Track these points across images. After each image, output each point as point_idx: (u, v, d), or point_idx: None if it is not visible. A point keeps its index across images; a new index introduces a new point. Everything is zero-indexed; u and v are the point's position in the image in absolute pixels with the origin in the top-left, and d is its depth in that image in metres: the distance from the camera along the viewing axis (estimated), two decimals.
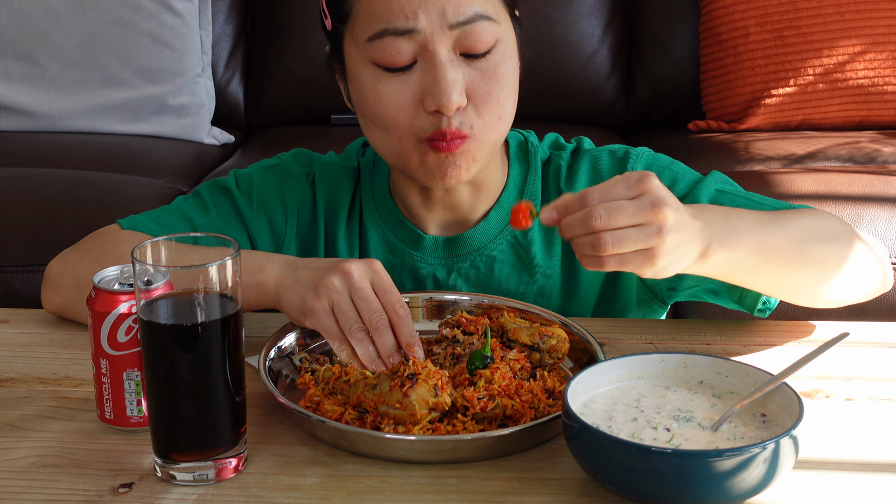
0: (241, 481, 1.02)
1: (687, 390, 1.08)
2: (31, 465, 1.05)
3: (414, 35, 1.23)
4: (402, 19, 1.23)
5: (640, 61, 2.95)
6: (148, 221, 1.40)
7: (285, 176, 1.44)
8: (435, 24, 1.23)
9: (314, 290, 1.18)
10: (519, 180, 1.41)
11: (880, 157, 2.53)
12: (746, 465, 0.93)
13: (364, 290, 1.18)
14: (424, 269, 1.40)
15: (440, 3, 1.23)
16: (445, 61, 1.24)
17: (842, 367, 1.24)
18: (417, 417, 1.06)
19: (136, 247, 1.00)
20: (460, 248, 1.40)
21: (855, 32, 2.69)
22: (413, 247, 1.40)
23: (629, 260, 1.07)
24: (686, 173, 1.39)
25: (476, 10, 1.24)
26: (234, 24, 2.99)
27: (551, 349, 1.20)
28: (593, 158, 1.41)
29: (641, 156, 1.40)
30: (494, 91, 1.26)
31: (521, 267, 1.40)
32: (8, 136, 2.74)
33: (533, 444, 1.07)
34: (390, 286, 1.19)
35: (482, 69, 1.26)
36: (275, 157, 1.48)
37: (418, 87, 1.25)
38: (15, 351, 1.29)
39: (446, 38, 1.24)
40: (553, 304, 1.41)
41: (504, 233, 1.39)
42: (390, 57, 1.25)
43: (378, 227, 1.42)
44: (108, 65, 2.75)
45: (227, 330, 1.00)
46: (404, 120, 1.27)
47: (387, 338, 1.18)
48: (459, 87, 1.24)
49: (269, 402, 1.15)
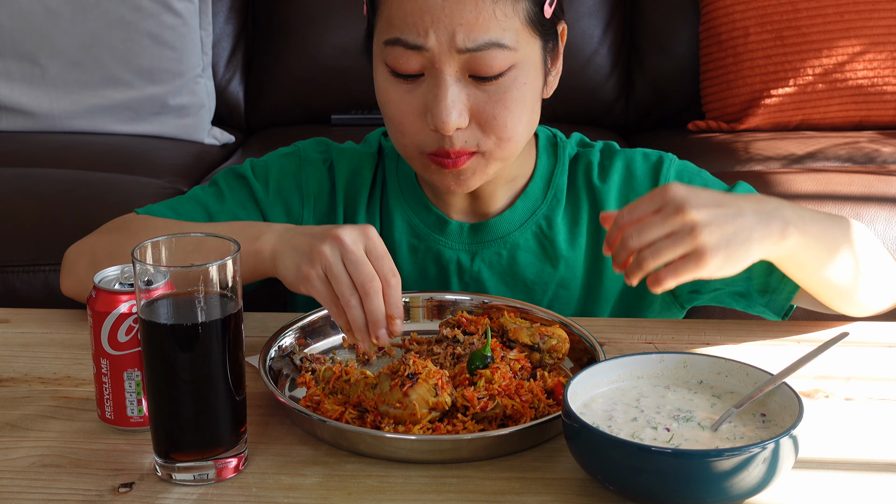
0: (242, 481, 1.02)
1: (687, 390, 1.08)
2: (31, 465, 1.05)
3: (423, 52, 1.24)
4: (413, 34, 1.23)
5: (640, 61, 2.95)
6: (165, 209, 1.40)
7: (302, 162, 1.45)
8: (444, 45, 1.23)
9: (308, 257, 1.16)
10: (546, 172, 1.42)
11: (880, 157, 2.53)
12: (746, 464, 0.93)
13: (356, 253, 1.14)
14: (448, 254, 1.41)
15: (451, 27, 1.22)
16: (449, 82, 1.24)
17: (841, 367, 1.24)
18: (417, 417, 1.06)
19: (136, 247, 1.00)
20: (485, 235, 1.41)
21: (854, 32, 2.69)
22: (438, 231, 1.41)
23: (681, 268, 1.09)
24: (714, 183, 1.42)
25: (489, 39, 1.23)
26: (234, 24, 2.99)
27: (551, 349, 1.20)
28: (627, 158, 1.43)
29: (673, 162, 1.43)
30: (500, 115, 1.26)
31: (545, 257, 1.41)
32: (8, 136, 2.74)
33: (533, 444, 1.07)
34: (383, 252, 1.16)
35: (490, 92, 1.26)
36: (292, 145, 1.48)
37: (423, 100, 1.26)
38: (15, 351, 1.29)
39: (454, 61, 1.24)
40: (574, 295, 1.42)
41: (529, 222, 1.40)
42: (399, 65, 1.26)
43: (403, 210, 1.42)
44: (109, 65, 2.75)
45: (227, 330, 1.00)
46: (409, 128, 1.28)
47: (377, 304, 1.14)
48: (460, 108, 1.25)
49: (270, 401, 1.15)
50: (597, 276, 1.42)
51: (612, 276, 1.41)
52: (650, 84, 2.95)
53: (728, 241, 1.09)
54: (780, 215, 1.15)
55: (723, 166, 2.49)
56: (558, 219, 1.41)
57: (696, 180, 1.41)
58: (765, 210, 1.14)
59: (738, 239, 1.10)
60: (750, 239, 1.12)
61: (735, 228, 1.10)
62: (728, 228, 1.10)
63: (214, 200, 1.41)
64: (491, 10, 1.22)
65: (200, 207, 1.40)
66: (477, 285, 1.41)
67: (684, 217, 1.08)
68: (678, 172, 1.41)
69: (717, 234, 1.09)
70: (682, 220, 1.08)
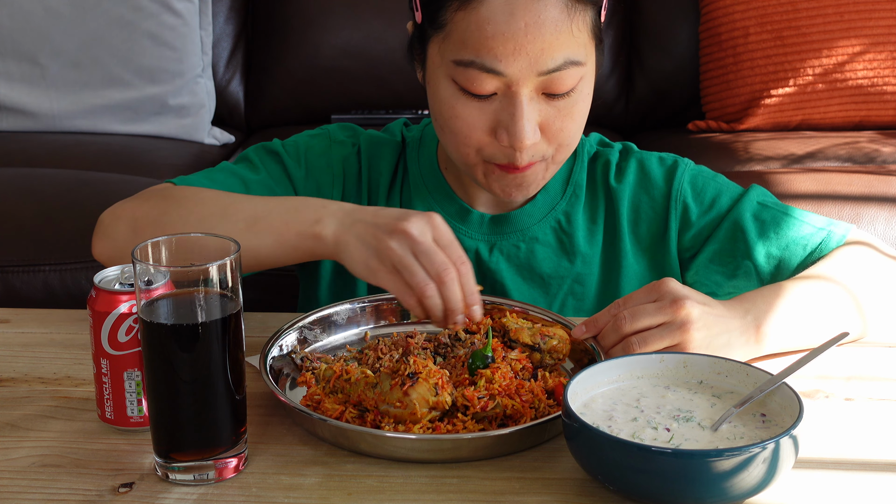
0: (242, 481, 1.02)
1: (687, 390, 1.08)
2: (31, 465, 1.05)
3: (500, 76, 1.24)
4: (491, 59, 1.23)
5: (640, 61, 2.95)
6: (201, 179, 1.38)
7: (332, 143, 1.45)
8: (524, 70, 1.23)
9: (376, 251, 1.16)
10: (566, 169, 1.43)
11: (879, 157, 2.53)
12: (746, 464, 0.93)
13: (426, 243, 1.14)
14: (467, 244, 1.41)
15: (533, 53, 1.22)
16: (526, 103, 1.25)
17: (841, 367, 1.24)
18: (418, 416, 1.06)
19: (136, 247, 1.00)
20: (505, 227, 1.42)
21: (854, 32, 2.69)
22: (459, 220, 1.42)
23: None
24: (729, 187, 1.43)
25: (566, 57, 1.24)
26: (234, 24, 2.99)
27: (552, 349, 1.20)
28: (642, 160, 1.45)
29: (688, 166, 1.44)
30: (568, 127, 1.29)
31: (562, 251, 1.42)
32: (8, 136, 2.74)
33: (533, 444, 1.07)
34: (451, 240, 1.17)
35: (559, 107, 1.27)
36: (319, 128, 1.49)
37: (494, 118, 1.27)
38: (15, 351, 1.29)
39: (531, 82, 1.24)
40: (589, 291, 1.43)
41: (548, 216, 1.42)
42: (473, 86, 1.25)
43: (424, 199, 1.43)
44: (109, 65, 2.75)
45: (227, 330, 1.00)
46: (476, 142, 1.29)
47: (454, 291, 1.14)
48: (534, 126, 1.26)
49: (270, 401, 1.15)
50: (612, 273, 1.43)
51: (628, 274, 1.43)
52: (650, 84, 2.95)
53: (709, 343, 1.16)
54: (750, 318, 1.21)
55: (723, 166, 2.49)
56: (577, 215, 1.42)
57: (710, 185, 1.43)
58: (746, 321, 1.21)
59: (719, 341, 1.17)
60: (729, 344, 1.18)
61: (720, 330, 1.17)
62: (714, 330, 1.17)
63: (249, 171, 1.40)
64: (568, 28, 1.23)
65: (236, 178, 1.39)
66: (494, 276, 1.42)
67: (680, 311, 1.15)
68: (693, 177, 1.43)
69: (703, 332, 1.15)
70: (675, 313, 1.15)
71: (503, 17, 1.21)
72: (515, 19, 1.21)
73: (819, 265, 1.33)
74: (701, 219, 1.41)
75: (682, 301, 1.15)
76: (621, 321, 1.15)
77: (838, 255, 1.35)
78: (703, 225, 1.41)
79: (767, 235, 1.37)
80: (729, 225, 1.39)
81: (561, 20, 1.22)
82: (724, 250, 1.39)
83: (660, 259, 1.43)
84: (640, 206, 1.43)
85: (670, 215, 1.42)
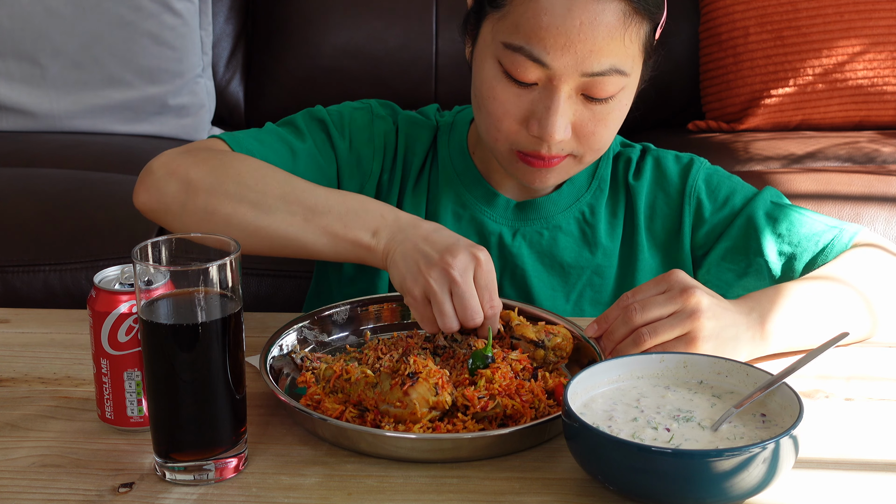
0: (242, 481, 1.02)
1: (687, 390, 1.08)
2: (31, 465, 1.05)
3: (545, 67, 1.25)
4: (540, 49, 1.24)
5: None
6: (251, 140, 1.37)
7: (374, 117, 1.47)
8: (569, 67, 1.24)
9: (414, 276, 1.18)
10: (593, 164, 1.45)
11: (879, 157, 2.53)
12: (746, 464, 0.93)
13: (463, 286, 1.16)
14: (491, 227, 1.43)
15: (582, 52, 1.23)
16: (563, 99, 1.26)
17: (841, 367, 1.24)
18: (418, 416, 1.06)
19: (136, 247, 1.00)
20: (529, 213, 1.43)
21: (854, 32, 2.69)
22: (485, 203, 1.43)
23: (671, 349, 1.14)
24: (743, 187, 1.45)
25: (612, 64, 1.26)
26: (234, 24, 2.99)
27: (556, 347, 1.20)
28: (659, 158, 1.48)
29: (703, 165, 1.47)
30: (600, 132, 1.30)
31: (584, 242, 1.44)
32: (8, 136, 2.74)
33: (533, 444, 1.07)
34: (491, 280, 1.19)
35: (595, 111, 1.29)
36: (362, 101, 1.50)
37: (530, 107, 1.28)
38: (15, 351, 1.29)
39: (573, 81, 1.26)
40: (608, 284, 1.45)
41: (573, 207, 1.43)
42: (517, 72, 1.27)
43: (450, 181, 1.44)
44: (109, 65, 2.75)
45: (227, 330, 1.00)
46: (508, 126, 1.30)
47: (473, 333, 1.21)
48: (566, 123, 1.27)
49: (270, 401, 1.15)
50: (629, 267, 1.45)
51: (644, 269, 1.44)
52: (650, 84, 2.94)
53: (719, 333, 1.16)
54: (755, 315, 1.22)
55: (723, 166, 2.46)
56: (600, 208, 1.44)
57: (725, 183, 1.45)
58: (751, 318, 1.21)
59: (728, 333, 1.17)
60: (737, 337, 1.18)
61: (728, 322, 1.18)
62: (723, 321, 1.17)
63: (296, 138, 1.41)
64: (621, 37, 1.24)
65: (283, 143, 1.39)
66: (515, 261, 1.43)
67: (690, 300, 1.15)
68: (707, 175, 1.45)
69: (713, 321, 1.16)
70: (685, 302, 1.15)
71: (561, 11, 1.23)
72: (572, 16, 1.22)
73: (827, 266, 1.33)
74: (714, 216, 1.43)
75: (691, 290, 1.16)
76: (632, 312, 1.16)
77: (847, 256, 1.35)
78: (716, 222, 1.43)
79: (779, 233, 1.39)
80: (742, 222, 1.40)
81: (616, 27, 1.24)
82: (737, 247, 1.40)
83: (674, 255, 1.45)
84: (655, 203, 1.45)
85: (684, 212, 1.43)
